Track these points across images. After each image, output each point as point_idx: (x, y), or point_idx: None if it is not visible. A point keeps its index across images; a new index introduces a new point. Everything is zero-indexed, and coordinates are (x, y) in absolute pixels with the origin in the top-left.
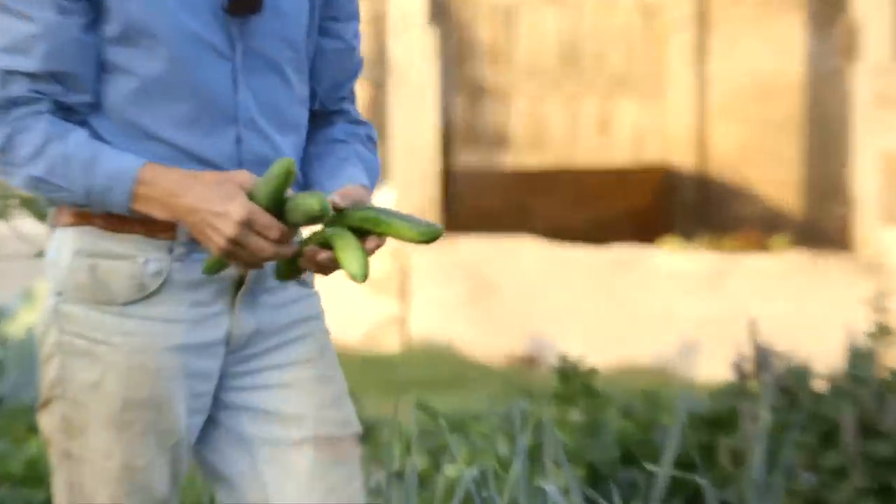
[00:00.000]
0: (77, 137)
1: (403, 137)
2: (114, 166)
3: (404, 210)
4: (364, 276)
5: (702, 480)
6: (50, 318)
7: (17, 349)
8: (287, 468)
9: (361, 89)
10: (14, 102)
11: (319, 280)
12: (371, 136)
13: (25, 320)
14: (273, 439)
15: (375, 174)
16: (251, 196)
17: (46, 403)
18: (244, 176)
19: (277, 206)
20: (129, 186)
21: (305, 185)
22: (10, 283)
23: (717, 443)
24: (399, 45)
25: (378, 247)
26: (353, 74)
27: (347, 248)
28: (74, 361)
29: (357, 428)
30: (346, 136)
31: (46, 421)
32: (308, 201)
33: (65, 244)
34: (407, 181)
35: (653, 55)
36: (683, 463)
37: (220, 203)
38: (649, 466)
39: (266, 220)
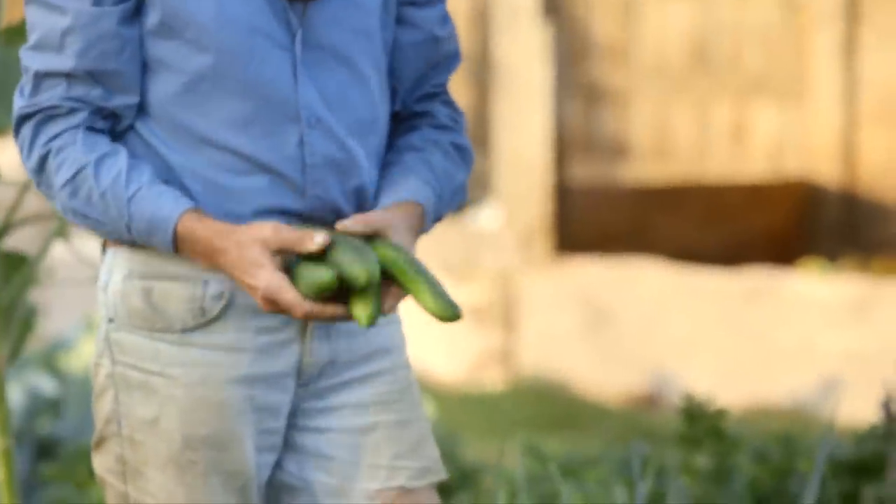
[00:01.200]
0: (113, 167)
1: (510, 148)
2: (151, 213)
3: (513, 230)
4: (368, 280)
5: None
6: (102, 348)
7: (77, 385)
8: None
9: (462, 93)
10: (48, 116)
11: (414, 309)
12: (458, 144)
13: (87, 353)
14: (341, 491)
15: (451, 187)
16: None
17: (101, 442)
18: (266, 231)
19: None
20: (169, 241)
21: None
22: (70, 311)
23: (862, 492)
24: (506, 44)
25: (395, 305)
26: (441, 69)
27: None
28: (129, 396)
29: (438, 474)
30: (424, 144)
31: (101, 462)
32: (322, 275)
33: (116, 266)
34: (514, 197)
35: (794, 53)
36: None
37: (247, 274)
38: None
39: (288, 298)
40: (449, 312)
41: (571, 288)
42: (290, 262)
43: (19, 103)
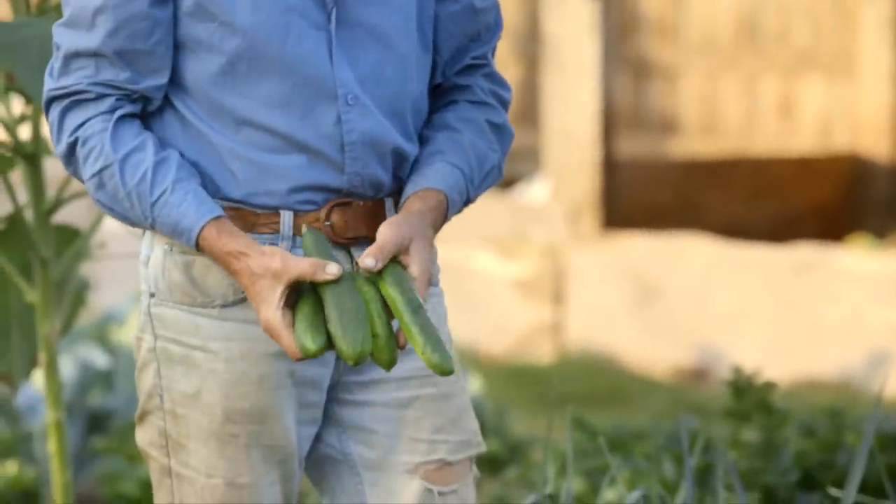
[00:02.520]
0: (139, 166)
1: (559, 122)
2: (174, 220)
3: (561, 205)
4: (356, 362)
5: None
6: (143, 322)
7: (129, 358)
8: (392, 496)
9: (511, 68)
10: (75, 101)
11: (463, 281)
12: (494, 122)
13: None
14: (381, 465)
15: (483, 169)
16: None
17: (143, 416)
18: (276, 263)
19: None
20: (193, 247)
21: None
22: (121, 284)
23: None
24: (554, 18)
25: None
26: (482, 41)
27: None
28: (171, 370)
29: (478, 447)
30: (458, 123)
31: (144, 435)
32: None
33: (157, 240)
34: (563, 172)
35: (843, 28)
36: (871, 487)
37: (254, 303)
38: (833, 491)
39: (284, 343)
40: (438, 367)
41: (620, 262)
42: (303, 288)
43: (49, 84)
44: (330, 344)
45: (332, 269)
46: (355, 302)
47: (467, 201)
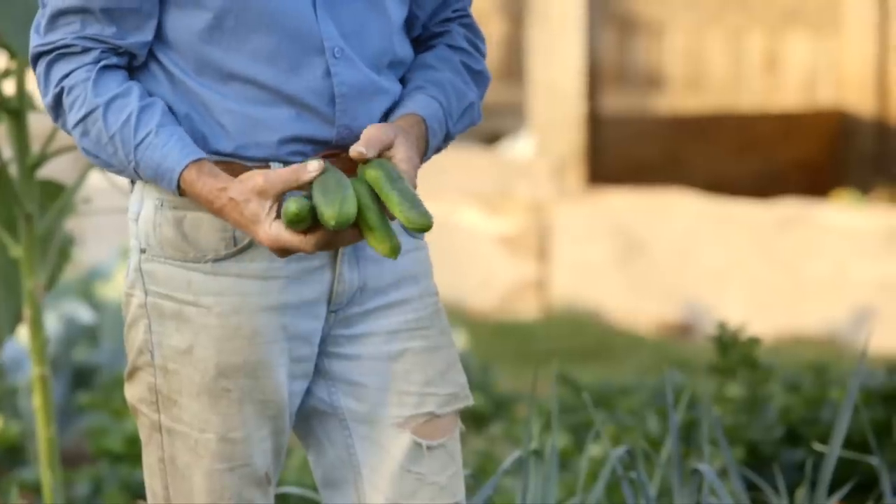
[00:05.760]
0: (123, 110)
1: (544, 77)
2: (157, 162)
3: (546, 160)
4: (337, 222)
5: (875, 462)
6: (134, 278)
7: (114, 314)
8: (381, 449)
9: (496, 23)
10: (61, 54)
11: (448, 237)
12: (469, 66)
13: (122, 282)
14: (370, 418)
15: (461, 104)
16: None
17: (133, 372)
18: (258, 181)
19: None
20: (175, 190)
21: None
22: (106, 239)
23: (894, 421)
24: None
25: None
26: None
27: (328, 191)
28: (162, 325)
29: (466, 400)
30: (436, 62)
31: (133, 391)
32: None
33: (147, 195)
34: (548, 127)
35: None
36: (855, 443)
37: (250, 231)
38: (817, 447)
39: (293, 243)
40: (416, 224)
41: (604, 218)
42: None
43: (35, 41)
44: (314, 219)
45: (314, 165)
46: (342, 184)
47: (448, 135)
